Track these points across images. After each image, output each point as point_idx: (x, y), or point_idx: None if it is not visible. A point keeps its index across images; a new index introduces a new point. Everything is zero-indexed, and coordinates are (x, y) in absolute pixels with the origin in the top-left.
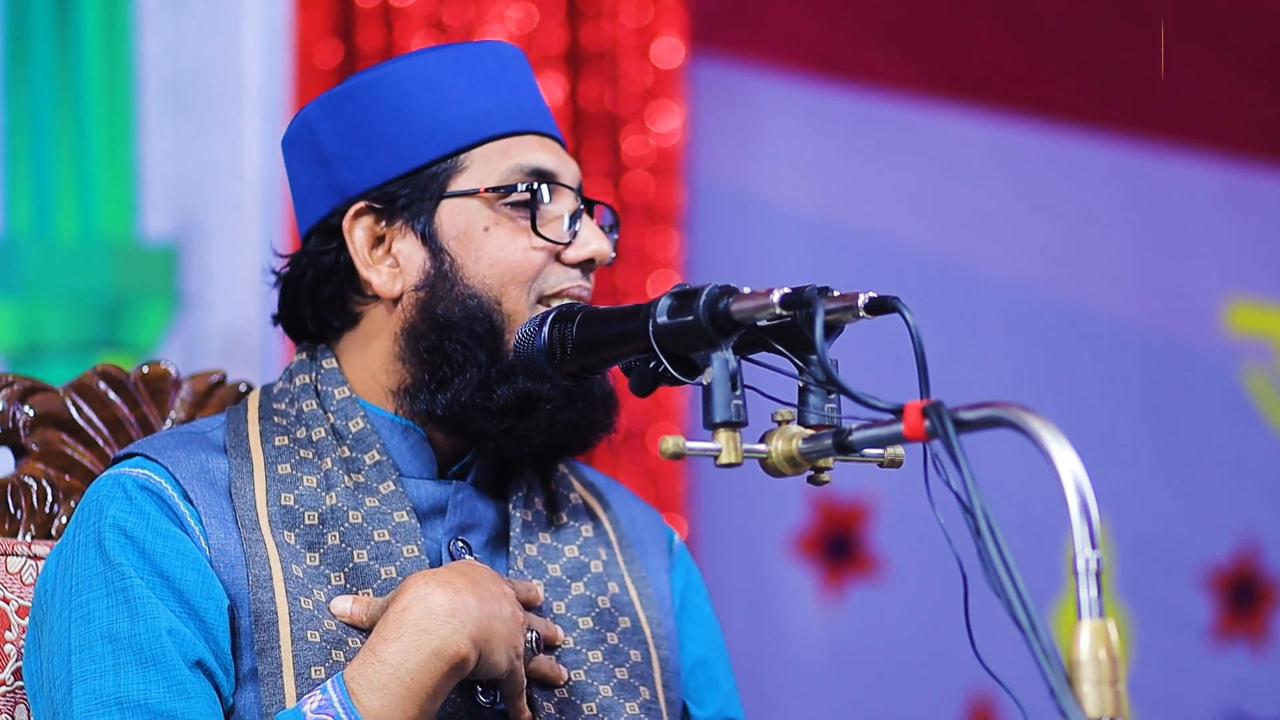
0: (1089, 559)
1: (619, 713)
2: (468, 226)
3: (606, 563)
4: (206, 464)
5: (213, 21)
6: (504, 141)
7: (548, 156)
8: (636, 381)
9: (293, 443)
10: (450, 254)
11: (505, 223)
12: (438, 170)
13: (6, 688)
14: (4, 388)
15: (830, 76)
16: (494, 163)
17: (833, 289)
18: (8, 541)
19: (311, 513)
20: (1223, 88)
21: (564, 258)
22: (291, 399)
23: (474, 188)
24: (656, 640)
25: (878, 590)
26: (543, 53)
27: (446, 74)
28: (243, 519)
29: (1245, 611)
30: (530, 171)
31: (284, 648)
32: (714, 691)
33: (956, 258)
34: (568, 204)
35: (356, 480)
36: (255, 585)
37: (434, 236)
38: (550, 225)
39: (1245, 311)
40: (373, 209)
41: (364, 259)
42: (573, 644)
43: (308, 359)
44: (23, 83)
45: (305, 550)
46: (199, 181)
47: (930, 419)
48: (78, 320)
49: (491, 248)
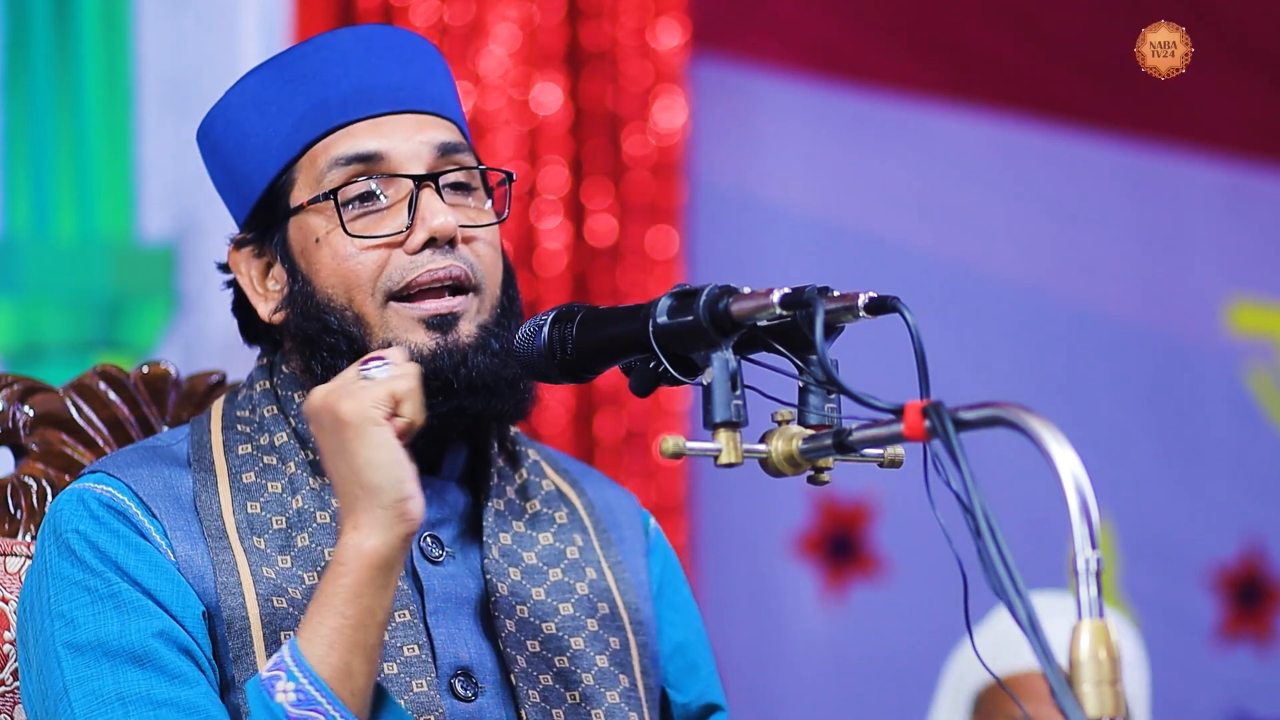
0: (1089, 559)
1: (601, 701)
2: (305, 241)
3: (583, 549)
4: (170, 480)
5: (212, 21)
6: (326, 140)
7: (372, 140)
8: (637, 381)
9: (256, 450)
10: (301, 271)
11: (334, 232)
12: (279, 189)
13: (6, 688)
14: (4, 388)
15: (831, 76)
16: (314, 167)
17: (833, 289)
18: (8, 541)
19: (279, 518)
20: (1226, 88)
21: (406, 247)
22: (254, 405)
23: (300, 202)
24: (635, 626)
25: (879, 590)
26: (543, 53)
27: (269, 88)
28: (209, 530)
29: (1250, 611)
30: (347, 161)
31: (258, 653)
32: (694, 677)
33: (957, 257)
34: (405, 185)
35: (321, 483)
36: (224, 592)
37: (289, 256)
38: (384, 216)
39: (1247, 311)
40: (249, 242)
41: (252, 289)
42: (555, 630)
43: (268, 365)
44: (22, 83)
45: (276, 554)
46: (198, 181)
47: (930, 419)
48: (77, 320)
49: (326, 258)
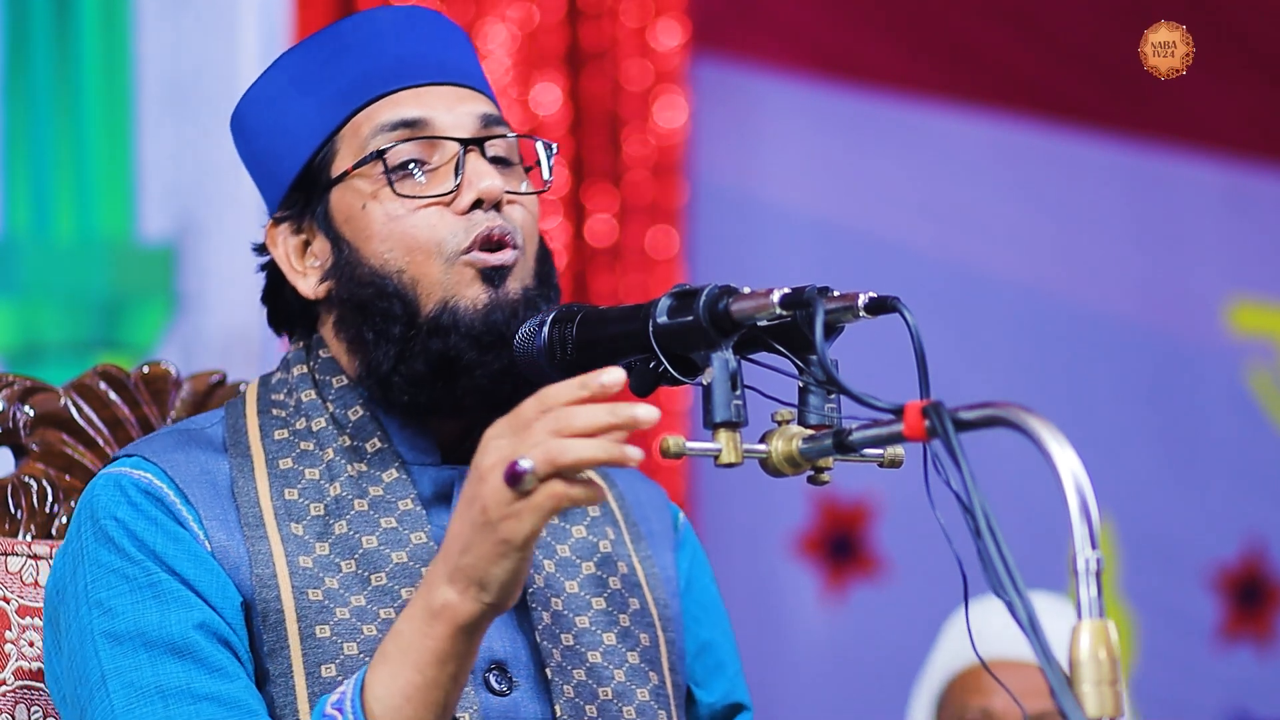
0: (1089, 559)
1: (632, 699)
2: (349, 209)
3: (614, 542)
4: (207, 465)
5: (212, 21)
6: (369, 110)
7: (416, 108)
8: (637, 381)
9: (293, 435)
10: (346, 240)
11: (383, 193)
12: (319, 162)
13: (7, 687)
14: (4, 388)
15: (831, 75)
16: (358, 136)
17: (833, 289)
18: (8, 541)
19: (317, 504)
20: (1226, 88)
21: (454, 208)
22: (290, 389)
23: (345, 169)
24: (663, 622)
25: (880, 591)
26: (543, 53)
27: (308, 65)
28: (246, 518)
29: (1251, 611)
30: (393, 127)
31: (293, 646)
32: (720, 675)
33: (957, 257)
34: (451, 149)
35: (360, 469)
36: (259, 584)
37: (331, 227)
38: (431, 178)
39: (1248, 311)
40: (287, 218)
41: (290, 267)
42: (588, 624)
43: (304, 349)
44: (22, 83)
45: (315, 540)
46: (198, 182)
47: (930, 419)
48: (77, 320)
49: (376, 223)
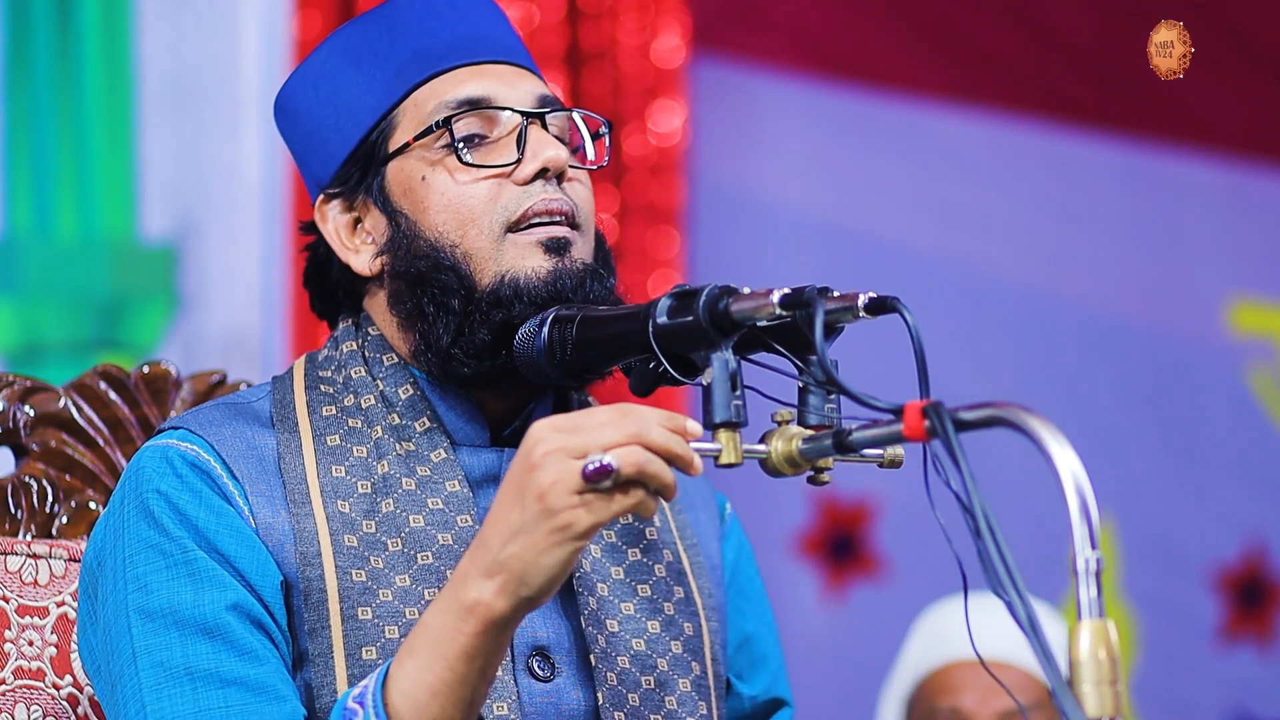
0: (1089, 559)
1: (674, 688)
2: (408, 181)
3: (660, 529)
4: (253, 440)
5: (212, 21)
6: (430, 85)
7: (477, 84)
8: (636, 382)
9: (341, 412)
10: (403, 213)
11: (442, 166)
12: (376, 137)
13: (6, 687)
14: (4, 388)
15: (831, 75)
16: (420, 110)
17: (833, 289)
18: (8, 541)
19: (364, 482)
20: (1227, 88)
21: (516, 178)
22: (339, 366)
23: (405, 142)
24: (707, 612)
25: (880, 591)
26: (543, 53)
27: (364, 41)
28: (293, 495)
29: (1252, 611)
30: (458, 104)
31: (334, 627)
32: (762, 669)
33: (958, 257)
34: (512, 123)
35: (407, 448)
36: (303, 562)
37: (387, 201)
38: (490, 151)
39: (1248, 311)
40: (338, 195)
41: (341, 244)
42: (632, 611)
43: (354, 326)
44: (23, 83)
45: (361, 518)
46: (199, 181)
47: (930, 419)
48: (77, 320)
49: (435, 195)
